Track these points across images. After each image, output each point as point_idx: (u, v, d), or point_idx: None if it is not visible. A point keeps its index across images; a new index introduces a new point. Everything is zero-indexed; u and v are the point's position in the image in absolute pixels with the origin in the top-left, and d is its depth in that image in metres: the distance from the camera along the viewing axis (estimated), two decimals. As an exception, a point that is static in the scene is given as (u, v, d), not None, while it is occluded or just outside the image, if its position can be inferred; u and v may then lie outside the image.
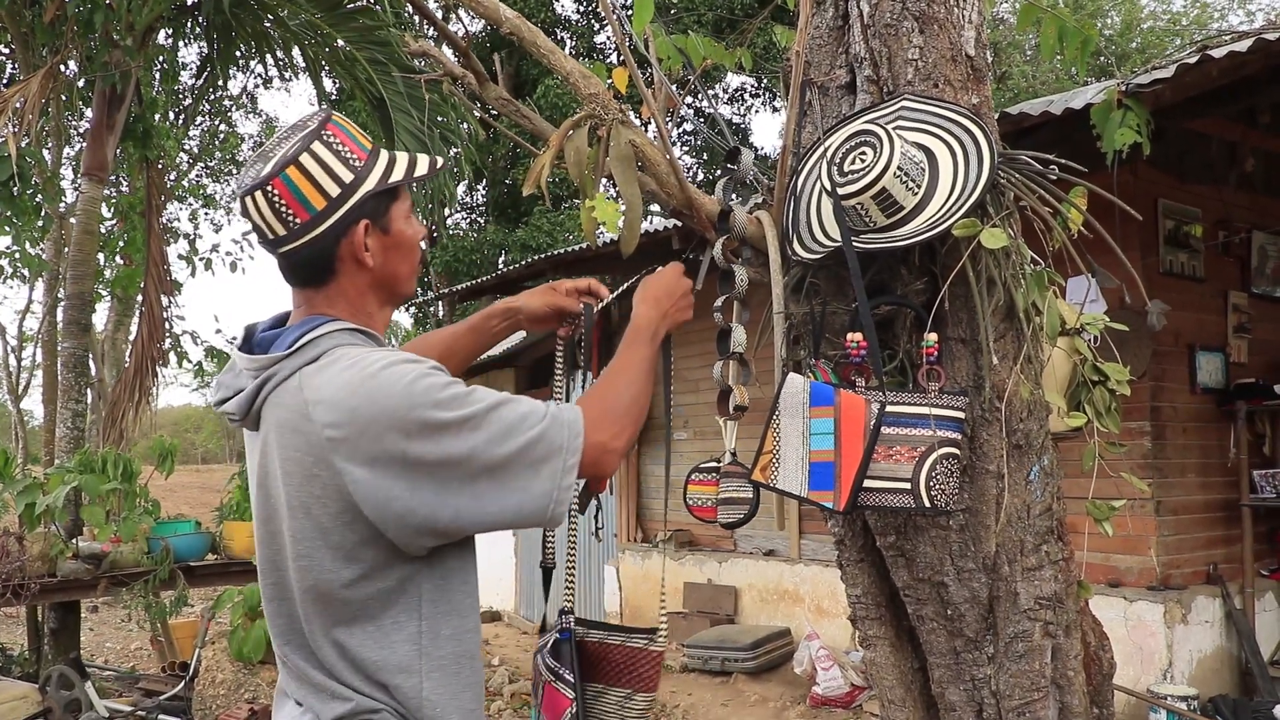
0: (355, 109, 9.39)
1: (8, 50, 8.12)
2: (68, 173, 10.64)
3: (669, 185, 1.62)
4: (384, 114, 6.18)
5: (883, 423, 1.41)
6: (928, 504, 1.40)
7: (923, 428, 1.41)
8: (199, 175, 15.07)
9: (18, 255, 9.19)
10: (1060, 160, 1.49)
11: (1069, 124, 3.80)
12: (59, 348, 6.64)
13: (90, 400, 8.80)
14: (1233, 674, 4.69)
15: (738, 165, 1.64)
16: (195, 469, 31.08)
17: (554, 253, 7.41)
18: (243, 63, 7.98)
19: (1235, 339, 5.01)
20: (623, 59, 1.63)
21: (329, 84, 9.55)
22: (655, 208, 1.91)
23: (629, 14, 1.71)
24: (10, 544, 4.33)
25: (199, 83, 9.74)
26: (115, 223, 8.89)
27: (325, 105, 7.93)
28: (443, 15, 12.26)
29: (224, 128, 14.57)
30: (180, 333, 8.83)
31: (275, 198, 1.17)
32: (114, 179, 9.29)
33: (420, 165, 1.27)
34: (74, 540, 4.75)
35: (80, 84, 6.67)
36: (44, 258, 9.71)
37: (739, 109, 16.91)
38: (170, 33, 7.29)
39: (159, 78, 7.71)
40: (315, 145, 1.18)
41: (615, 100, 1.61)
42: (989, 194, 1.43)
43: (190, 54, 12.02)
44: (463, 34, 1.72)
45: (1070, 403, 1.61)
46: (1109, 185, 2.43)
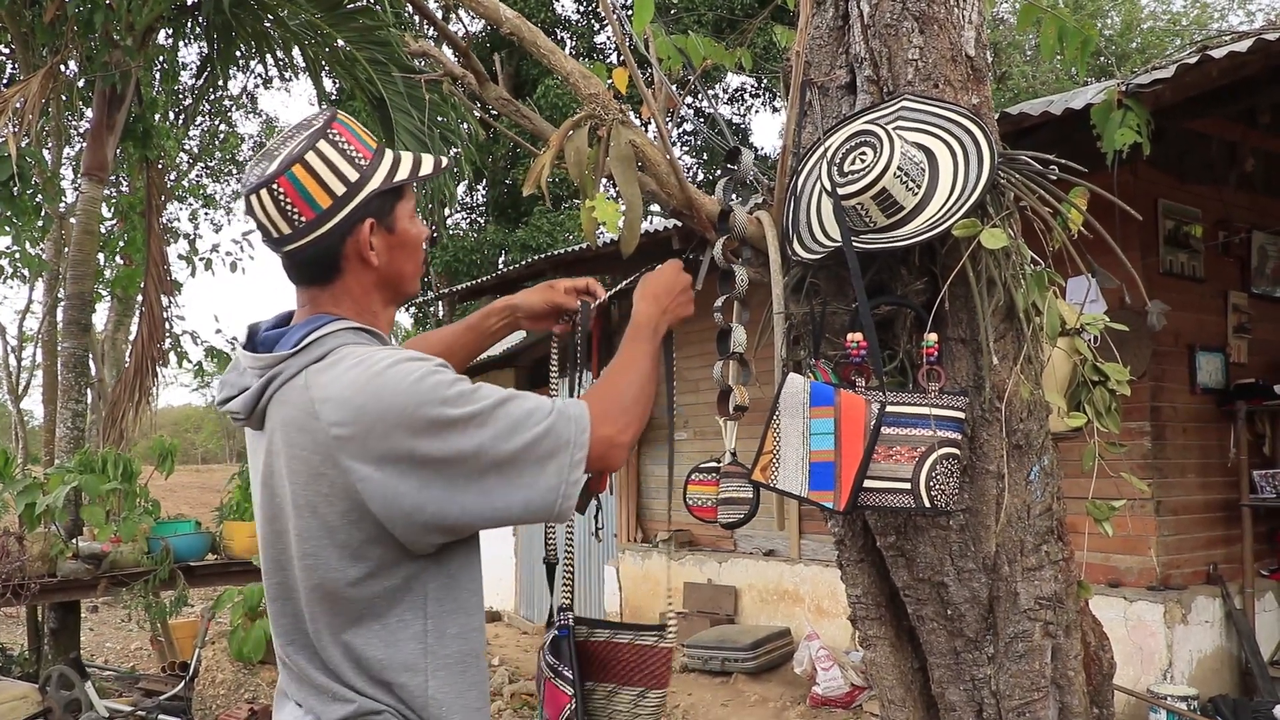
0: (355, 109, 9.39)
1: (8, 50, 8.12)
2: (68, 173, 10.65)
3: (669, 185, 1.62)
4: (384, 114, 6.18)
5: (883, 423, 1.41)
6: (928, 504, 1.40)
7: (923, 428, 1.41)
8: (199, 175, 15.08)
9: (18, 255, 9.19)
10: (1060, 160, 1.49)
11: (1069, 124, 3.80)
12: (59, 348, 6.64)
13: (90, 400, 8.80)
14: (1233, 674, 4.69)
15: (738, 165, 1.64)
16: (195, 469, 31.08)
17: (554, 253, 7.41)
18: (243, 63, 7.99)
19: (1235, 339, 5.02)
20: (623, 59, 1.63)
21: (329, 84, 9.55)
22: (655, 208, 1.91)
23: (629, 14, 1.72)
24: (10, 544, 4.33)
25: (199, 83, 9.76)
26: (115, 223, 8.88)
27: (326, 105, 7.93)
28: (443, 15, 12.26)
29: (224, 128, 14.59)
30: (180, 333, 8.82)
31: (280, 196, 1.17)
32: (114, 179, 9.29)
33: (425, 165, 1.27)
34: (74, 540, 4.75)
35: (80, 84, 6.68)
36: (44, 258, 9.71)
37: (739, 109, 16.92)
38: (170, 33, 7.30)
39: (159, 78, 7.72)
40: (321, 144, 1.18)
41: (615, 100, 1.61)
42: (989, 194, 1.43)
43: (190, 54, 12.02)
44: (463, 34, 1.72)
45: (1070, 403, 1.62)
46: (1109, 185, 2.43)
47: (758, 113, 17.17)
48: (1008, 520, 1.51)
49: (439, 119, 6.39)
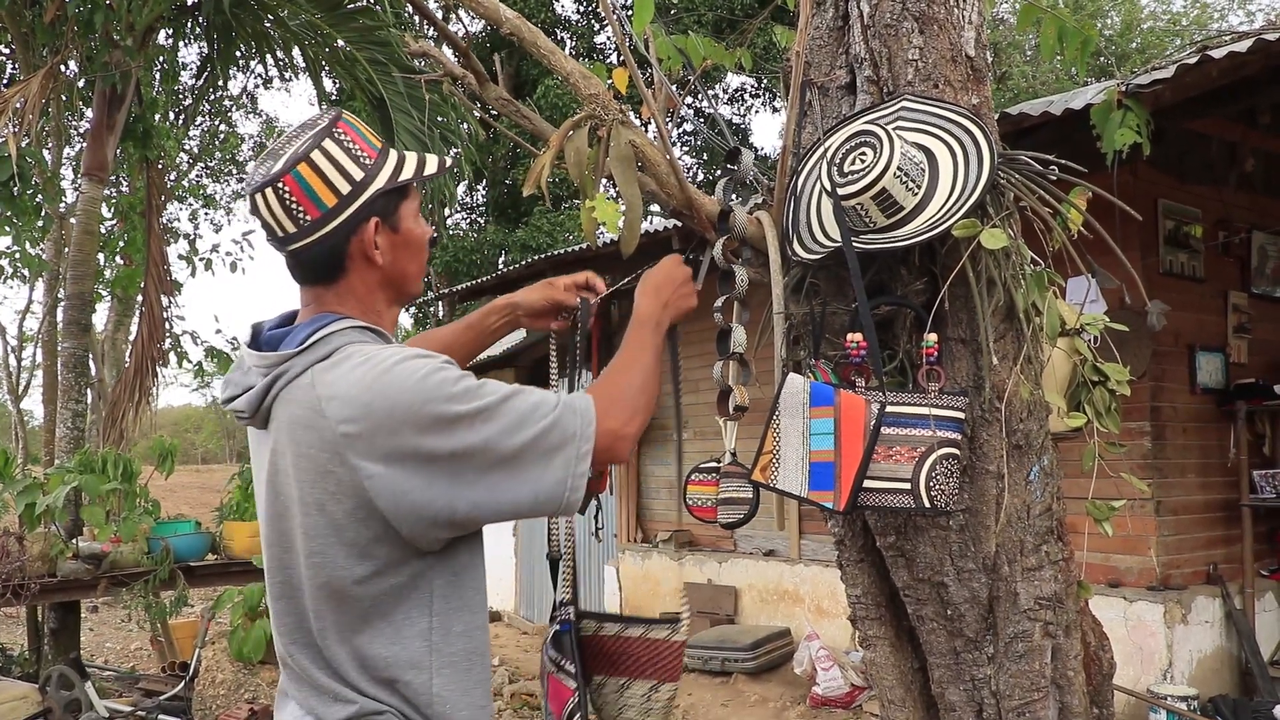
0: (355, 109, 9.39)
1: (8, 50, 8.12)
2: (68, 173, 10.65)
3: (669, 185, 1.62)
4: (384, 114, 6.18)
5: (883, 423, 1.41)
6: (927, 504, 1.40)
7: (922, 428, 1.41)
8: (199, 175, 15.09)
9: (18, 255, 9.19)
10: (1060, 161, 1.49)
11: (1069, 124, 3.80)
12: (59, 348, 6.64)
13: (90, 400, 8.80)
14: (1233, 674, 4.69)
15: (738, 165, 1.64)
16: (195, 469, 31.07)
17: (554, 253, 7.41)
18: (243, 63, 7.99)
19: (1235, 339, 5.02)
20: (623, 59, 1.63)
21: (329, 84, 9.55)
22: (655, 208, 1.91)
23: (629, 14, 1.72)
24: (10, 544, 4.33)
25: (199, 83, 9.76)
26: (115, 223, 8.89)
27: (326, 105, 7.93)
28: (443, 15, 12.26)
29: (224, 128, 14.59)
30: (180, 333, 8.81)
31: (286, 194, 1.17)
32: (114, 179, 9.29)
33: (429, 164, 1.27)
34: (74, 540, 4.74)
35: (80, 84, 6.68)
36: (44, 258, 9.71)
37: (739, 109, 16.92)
38: (170, 33, 7.30)
39: (159, 78, 7.72)
40: (326, 143, 1.19)
41: (615, 100, 1.61)
42: (989, 194, 1.43)
43: (190, 54, 12.03)
44: (463, 34, 1.72)
45: (1070, 403, 1.62)
46: (1109, 185, 2.43)
47: (758, 113, 17.19)
48: (1007, 520, 1.51)
49: (439, 119, 6.39)
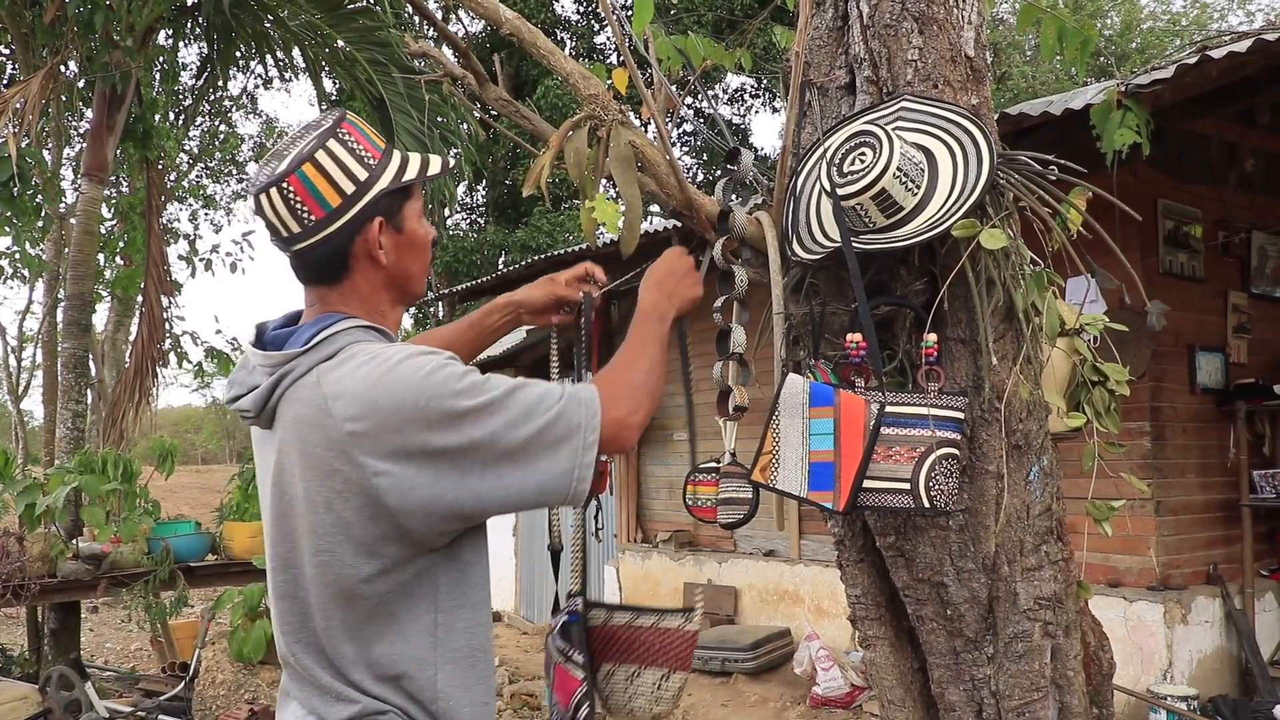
0: (355, 110, 9.38)
1: (8, 51, 8.12)
2: (68, 173, 10.64)
3: (669, 186, 1.62)
4: (384, 114, 6.18)
5: (882, 423, 1.42)
6: (927, 504, 1.40)
7: (922, 428, 1.41)
8: (199, 176, 15.09)
9: (18, 256, 9.19)
10: (1060, 161, 1.49)
11: (1068, 124, 3.80)
12: (59, 348, 6.63)
13: (90, 401, 8.79)
14: (1233, 674, 4.69)
15: (737, 166, 1.65)
16: (195, 469, 31.06)
17: (554, 253, 7.42)
18: (243, 63, 7.98)
19: (1235, 339, 5.02)
20: (622, 60, 1.63)
21: (329, 84, 9.55)
22: (655, 208, 1.91)
23: (629, 15, 1.72)
24: (10, 544, 4.32)
25: (199, 83, 9.76)
26: (115, 223, 8.88)
27: (326, 106, 7.93)
28: (443, 16, 12.26)
29: (224, 128, 14.59)
30: (180, 333, 8.79)
31: (290, 194, 1.18)
32: (114, 179, 9.28)
33: (433, 165, 1.28)
34: (74, 541, 4.74)
35: (80, 84, 6.68)
36: (44, 258, 9.71)
37: (739, 109, 16.93)
38: (170, 33, 7.29)
39: (159, 78, 7.71)
40: (330, 143, 1.19)
41: (615, 101, 1.61)
42: (988, 194, 1.43)
43: (190, 54, 12.01)
44: (462, 35, 1.72)
45: (1070, 403, 1.62)
46: (1109, 186, 2.43)
47: (758, 113, 17.20)
48: (1007, 520, 1.51)
49: (439, 119, 6.39)
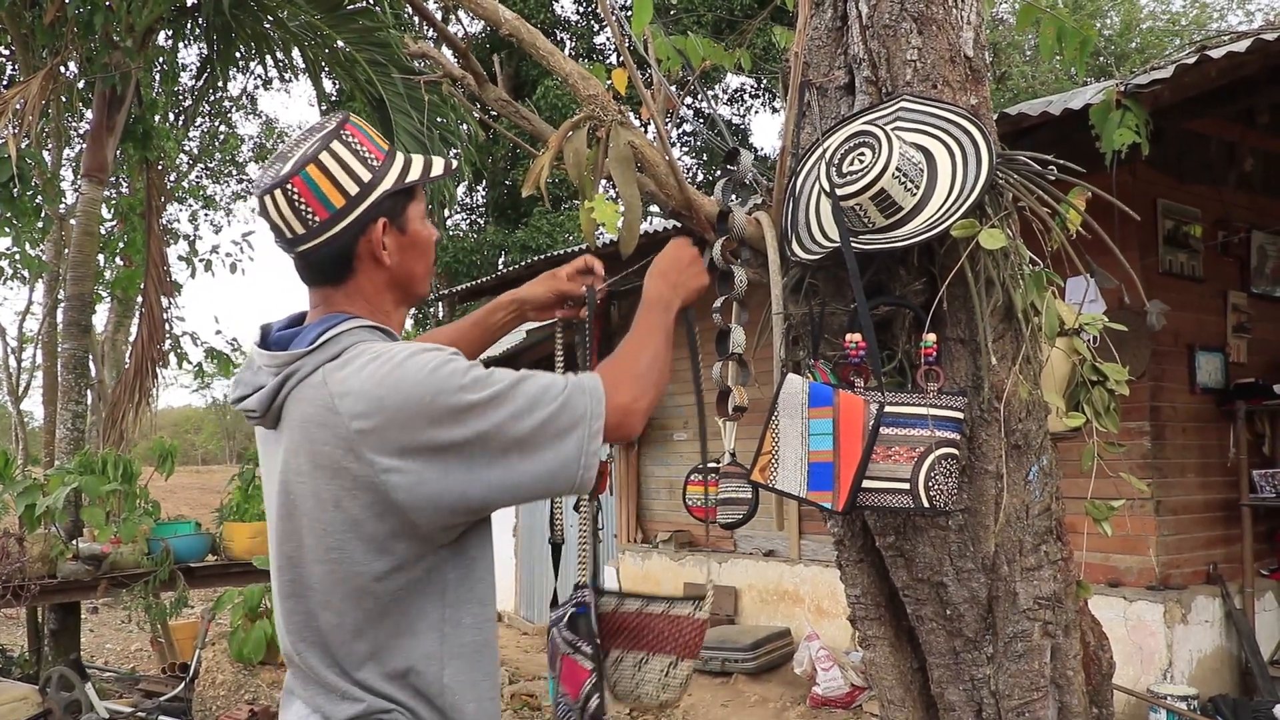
0: (355, 110, 9.36)
1: (8, 52, 8.12)
2: (68, 174, 10.65)
3: (668, 186, 1.62)
4: (384, 115, 6.18)
5: (881, 423, 1.42)
6: (926, 504, 1.40)
7: (921, 428, 1.41)
8: (199, 176, 15.09)
9: (18, 256, 9.19)
10: (1059, 161, 1.50)
11: (1068, 124, 3.80)
12: (59, 349, 6.63)
13: (90, 401, 8.79)
14: (1233, 674, 4.69)
15: (737, 166, 1.65)
16: (195, 470, 31.04)
17: (554, 253, 7.42)
18: (242, 64, 7.96)
19: (1234, 339, 5.02)
20: (622, 60, 1.63)
21: (329, 85, 9.55)
22: (655, 208, 1.91)
23: (628, 15, 1.72)
24: (10, 545, 4.32)
25: (199, 84, 9.75)
26: (115, 224, 8.88)
27: (325, 106, 7.93)
28: (442, 16, 12.26)
29: (224, 129, 14.59)
30: (180, 334, 8.79)
31: (295, 196, 1.18)
32: (114, 180, 9.28)
33: (436, 166, 1.29)
34: (74, 541, 4.74)
35: (80, 85, 6.67)
36: (44, 259, 9.71)
37: (739, 110, 16.93)
38: (170, 34, 7.29)
39: (159, 79, 7.71)
40: (334, 144, 1.20)
41: (614, 101, 1.61)
42: (987, 195, 1.43)
43: (190, 55, 12.03)
44: (462, 35, 1.72)
45: (1069, 403, 1.62)
46: (1108, 185, 2.43)
47: (757, 113, 17.20)
48: (1006, 520, 1.51)
49: (439, 120, 6.38)
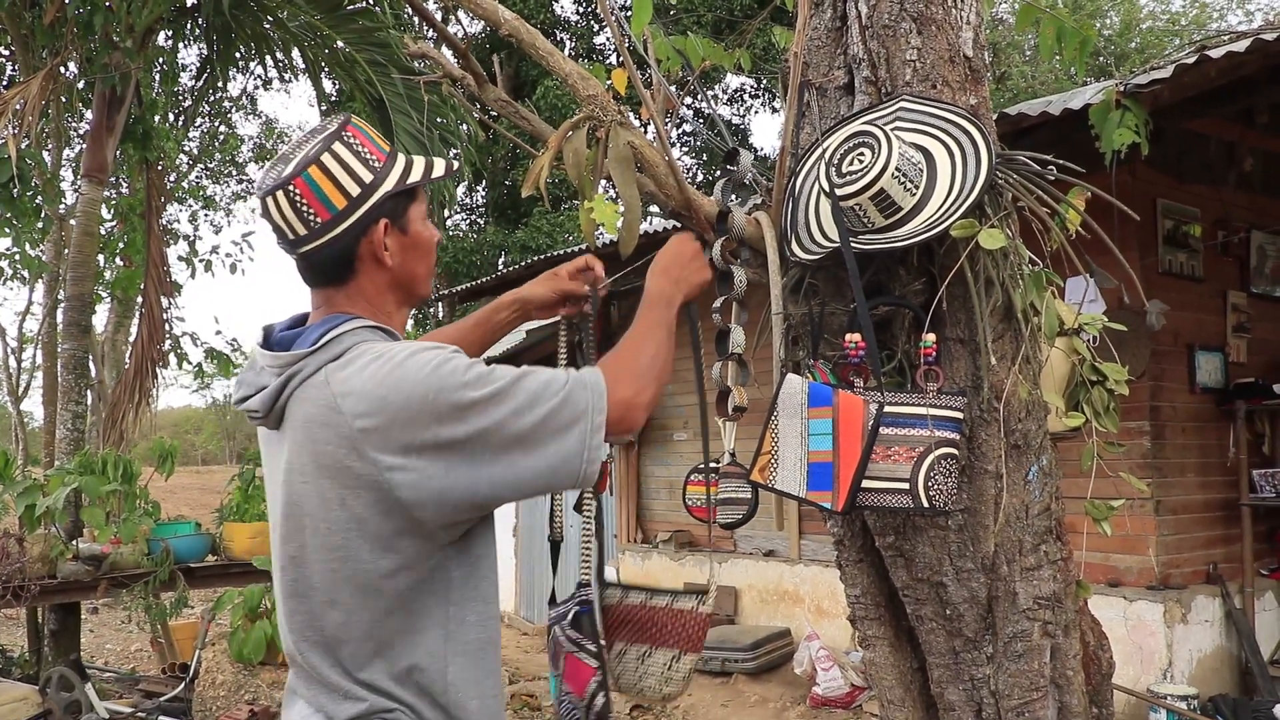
0: (355, 110, 9.36)
1: (8, 52, 8.12)
2: (68, 174, 10.65)
3: (667, 186, 1.62)
4: (384, 115, 6.18)
5: (881, 423, 1.42)
6: (926, 504, 1.40)
7: (921, 428, 1.41)
8: (199, 177, 15.08)
9: (18, 257, 9.19)
10: (1058, 161, 1.50)
11: (1067, 124, 3.80)
12: (59, 349, 6.62)
13: (90, 402, 8.78)
14: (1233, 673, 4.69)
15: (736, 166, 1.65)
16: (195, 470, 31.03)
17: (553, 254, 7.42)
18: (242, 64, 7.96)
19: (1234, 338, 5.02)
20: (621, 60, 1.63)
21: (329, 85, 9.55)
22: (654, 209, 1.91)
23: (628, 15, 1.72)
24: (10, 545, 4.32)
25: (199, 84, 9.74)
26: (115, 224, 8.88)
27: (325, 107, 7.93)
28: (442, 17, 12.26)
29: (224, 129, 14.59)
30: (180, 334, 8.79)
31: (297, 197, 1.19)
32: (114, 180, 9.28)
33: (437, 168, 1.30)
34: (74, 542, 4.74)
35: (80, 86, 6.67)
36: (44, 259, 9.71)
37: (739, 110, 16.93)
38: (170, 34, 7.29)
39: (159, 79, 7.71)
40: (336, 145, 1.21)
41: (614, 102, 1.61)
42: (987, 195, 1.43)
43: (190, 55, 12.05)
44: (462, 36, 1.72)
45: (1069, 403, 1.62)
46: (1107, 185, 2.43)
47: (757, 113, 17.20)
48: (1006, 520, 1.51)
49: (438, 120, 6.38)
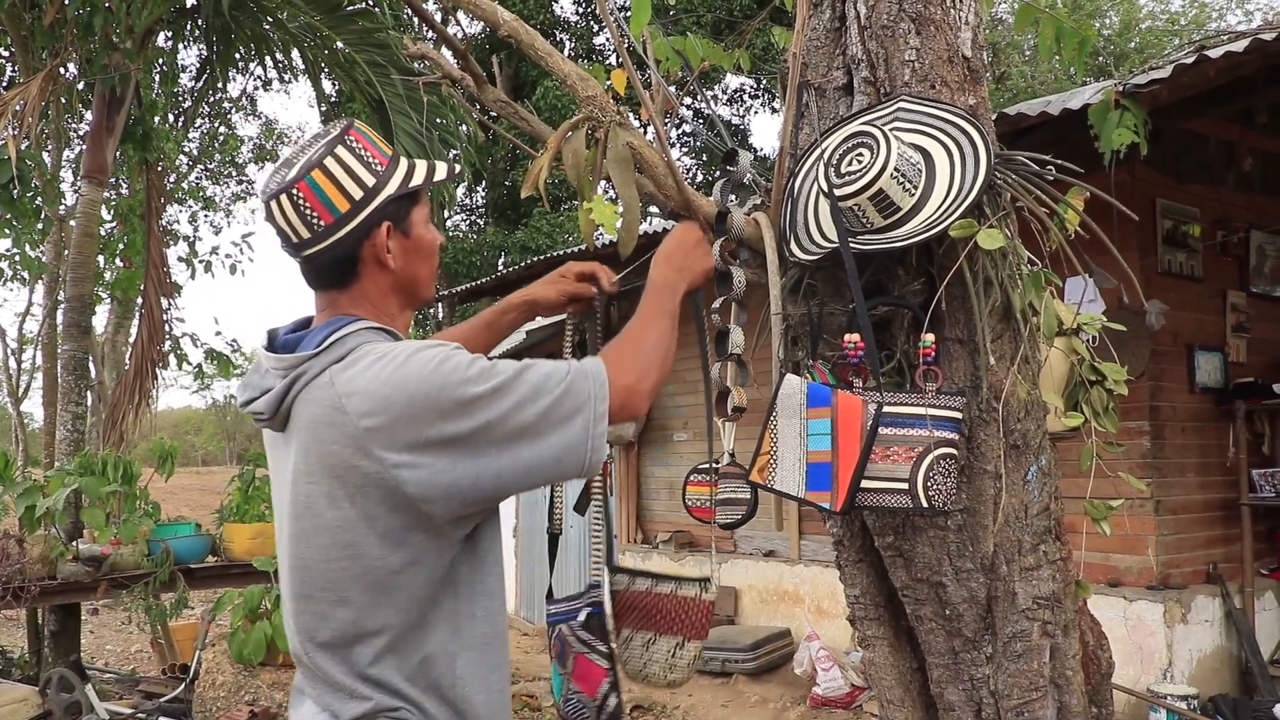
0: (355, 111, 9.38)
1: (8, 53, 8.12)
2: (67, 175, 10.65)
3: (666, 187, 1.62)
4: (383, 116, 6.18)
5: (880, 423, 1.42)
6: (925, 504, 1.40)
7: (920, 428, 1.41)
8: (198, 178, 15.09)
9: (18, 258, 9.18)
10: (1057, 161, 1.50)
11: (1067, 124, 3.80)
12: (59, 350, 6.62)
13: (90, 403, 8.79)
14: (1233, 673, 4.69)
15: (735, 167, 1.65)
16: (195, 471, 31.03)
17: (553, 254, 7.42)
18: (242, 65, 7.96)
19: (1234, 338, 5.02)
20: (621, 61, 1.63)
21: (328, 86, 9.56)
22: (654, 209, 1.92)
23: (627, 16, 1.72)
24: (10, 546, 4.32)
25: (198, 85, 9.74)
26: (115, 225, 8.88)
27: (325, 107, 7.93)
28: (441, 18, 12.26)
29: (223, 130, 14.59)
30: (180, 335, 8.78)
31: (300, 201, 1.20)
32: (114, 181, 9.28)
33: (439, 171, 1.31)
34: (74, 543, 4.74)
35: (80, 87, 6.67)
36: (44, 260, 9.70)
37: (738, 110, 16.94)
38: (170, 35, 7.29)
39: (158, 80, 7.71)
40: (339, 149, 1.22)
41: (613, 102, 1.61)
42: (986, 195, 1.43)
43: (190, 56, 12.05)
44: (461, 36, 1.72)
45: (1068, 403, 1.62)
46: (1107, 185, 2.43)
47: (757, 114, 17.21)
48: (1005, 520, 1.51)
49: (438, 121, 6.38)
